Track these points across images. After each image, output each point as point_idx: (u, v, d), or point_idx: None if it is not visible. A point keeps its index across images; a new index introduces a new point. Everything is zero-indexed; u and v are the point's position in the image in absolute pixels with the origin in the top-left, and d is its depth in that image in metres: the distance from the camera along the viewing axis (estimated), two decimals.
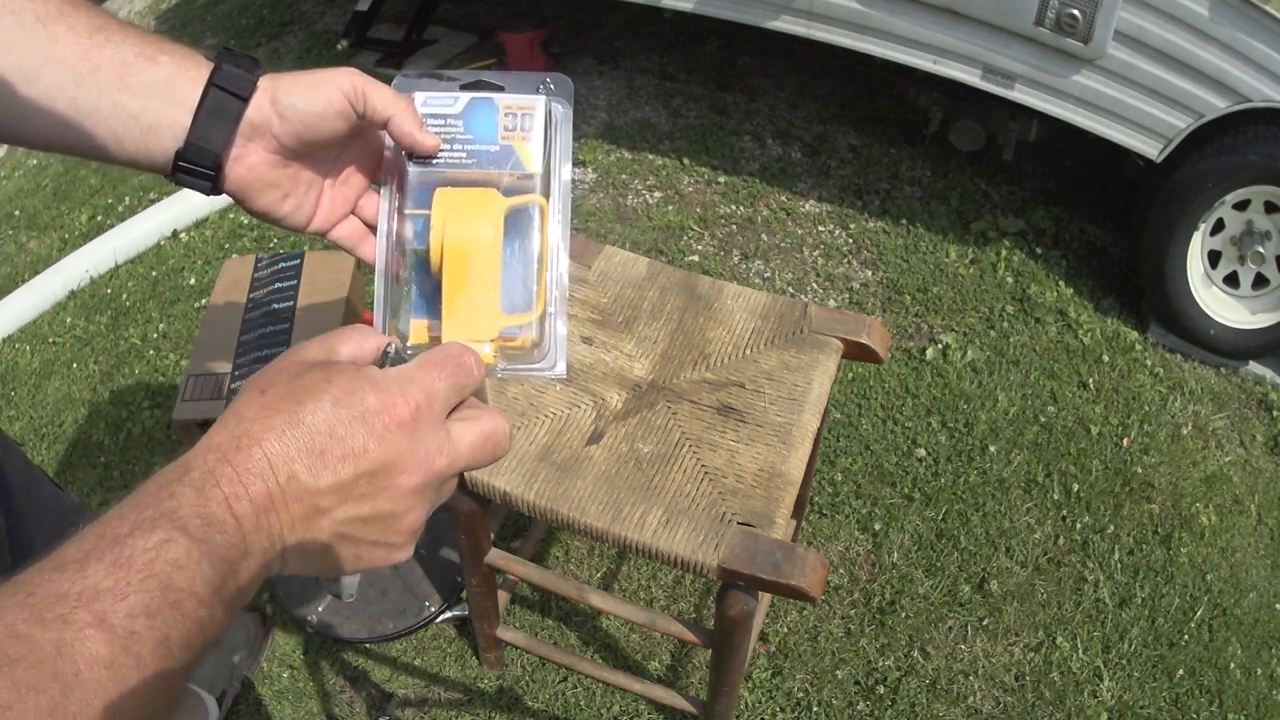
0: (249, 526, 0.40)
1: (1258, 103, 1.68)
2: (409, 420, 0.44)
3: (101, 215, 2.51)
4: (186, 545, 0.38)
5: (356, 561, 0.45)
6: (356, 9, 2.91)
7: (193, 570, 0.38)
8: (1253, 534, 1.71)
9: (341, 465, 0.42)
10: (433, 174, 0.64)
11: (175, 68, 0.58)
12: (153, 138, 0.58)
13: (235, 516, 0.40)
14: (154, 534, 0.37)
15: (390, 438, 0.43)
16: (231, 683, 1.47)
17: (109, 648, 0.35)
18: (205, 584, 0.38)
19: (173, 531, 0.38)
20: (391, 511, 0.44)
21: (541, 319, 0.64)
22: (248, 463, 0.41)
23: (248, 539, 0.40)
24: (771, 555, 0.94)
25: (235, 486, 0.40)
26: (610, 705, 1.46)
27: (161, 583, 0.36)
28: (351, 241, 0.68)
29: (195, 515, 0.39)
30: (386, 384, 0.44)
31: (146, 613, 0.36)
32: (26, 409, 2.00)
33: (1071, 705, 1.47)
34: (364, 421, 0.43)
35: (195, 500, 0.39)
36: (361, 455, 0.42)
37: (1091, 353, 1.99)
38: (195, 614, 0.38)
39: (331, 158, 0.65)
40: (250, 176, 0.61)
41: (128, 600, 0.36)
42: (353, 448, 0.42)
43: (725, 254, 2.23)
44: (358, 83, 0.59)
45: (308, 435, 0.42)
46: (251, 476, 0.41)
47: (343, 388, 0.43)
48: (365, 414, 0.43)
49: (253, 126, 0.59)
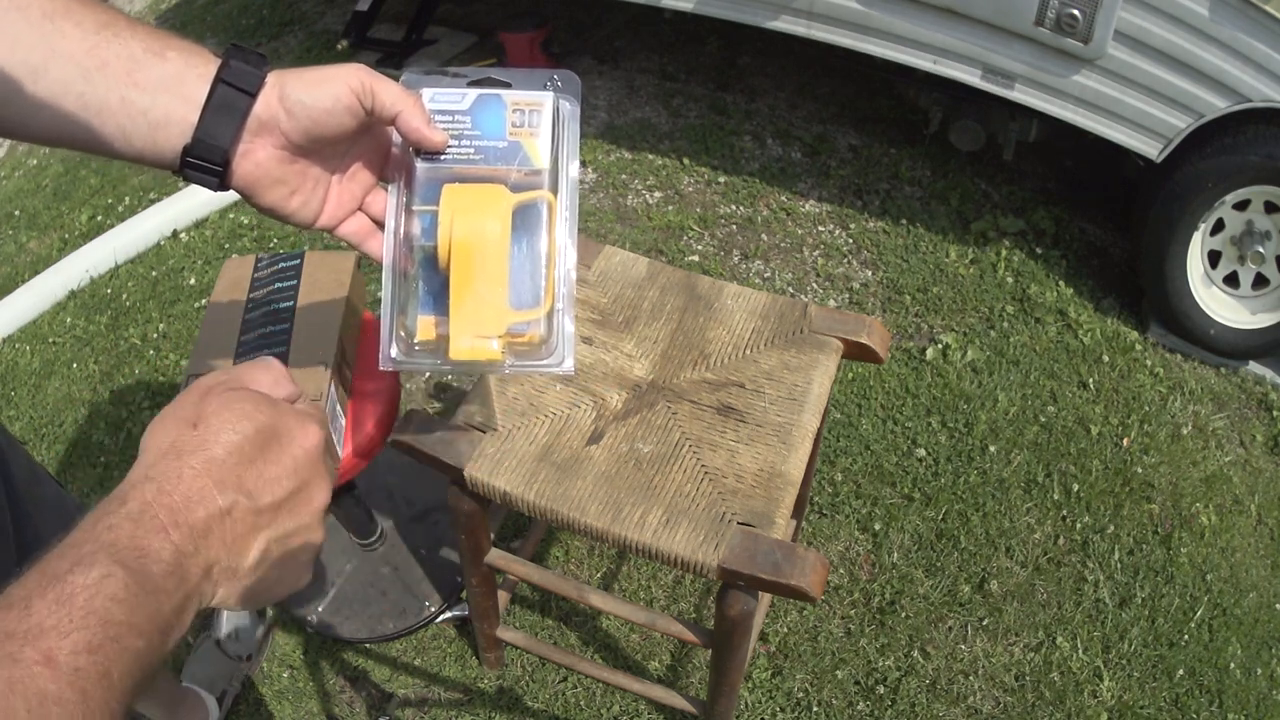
0: (186, 551, 0.42)
1: (1258, 103, 1.68)
2: (318, 449, 0.49)
3: (101, 215, 2.51)
4: (124, 579, 0.39)
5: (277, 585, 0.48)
6: (356, 9, 2.91)
7: (131, 604, 0.39)
8: (1253, 534, 1.71)
9: (275, 486, 0.46)
10: (440, 170, 0.64)
11: (183, 63, 0.58)
12: (160, 133, 0.58)
13: (173, 544, 0.41)
14: (93, 570, 0.38)
15: (308, 462, 0.48)
16: (231, 683, 1.47)
17: (56, 684, 0.36)
18: (144, 615, 0.39)
19: (111, 566, 0.39)
20: (307, 527, 0.48)
21: (550, 315, 0.63)
22: (189, 492, 0.43)
23: (184, 565, 0.42)
24: (771, 555, 0.94)
25: (175, 515, 0.42)
26: (610, 705, 1.46)
27: (101, 619, 0.38)
28: (358, 238, 0.68)
29: (132, 546, 0.40)
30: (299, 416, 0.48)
31: (89, 649, 0.37)
32: (26, 409, 2.00)
33: (1071, 705, 1.47)
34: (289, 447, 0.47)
35: (132, 530, 0.41)
36: (291, 476, 0.47)
37: (1091, 353, 1.99)
38: (134, 646, 0.39)
39: (339, 154, 0.65)
40: (258, 172, 0.61)
41: (71, 638, 0.37)
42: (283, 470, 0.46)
43: (725, 254, 2.23)
44: (366, 79, 0.59)
45: (245, 463, 0.45)
46: (192, 504, 0.43)
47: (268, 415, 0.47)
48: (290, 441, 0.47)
49: (260, 122, 0.59)
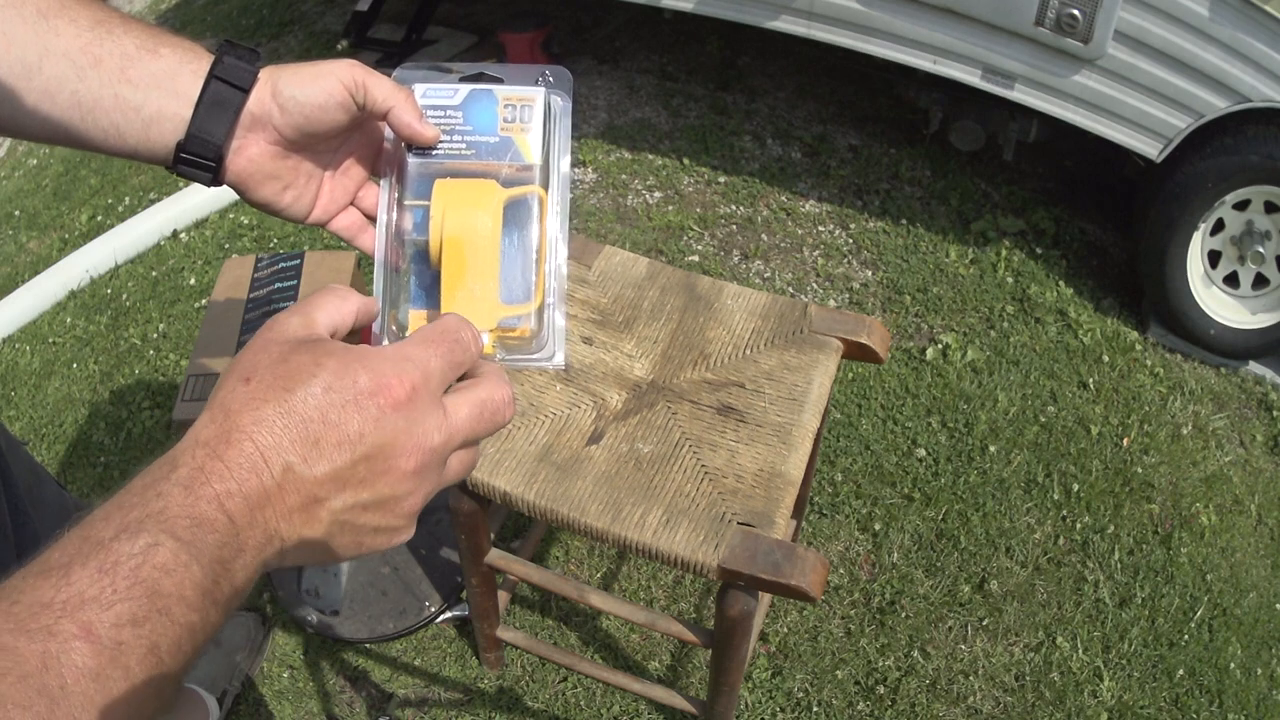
0: (242, 523, 0.39)
1: (1258, 103, 1.68)
2: (405, 401, 0.42)
3: (101, 215, 2.51)
4: (174, 549, 0.36)
5: (358, 549, 0.44)
6: (356, 9, 2.91)
7: (181, 574, 0.36)
8: (1253, 534, 1.71)
9: (337, 452, 0.40)
10: (432, 165, 0.64)
11: (177, 60, 0.58)
12: (154, 129, 0.58)
13: (227, 514, 0.38)
14: (140, 538, 0.36)
15: (386, 420, 0.41)
16: (232, 682, 1.47)
17: (96, 659, 0.34)
18: (194, 588, 0.37)
19: (159, 535, 0.36)
20: (392, 495, 0.43)
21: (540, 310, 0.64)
22: (239, 457, 0.39)
23: (241, 536, 0.39)
24: (771, 555, 0.94)
25: (227, 483, 0.39)
26: (610, 705, 1.46)
27: (148, 589, 0.35)
28: (351, 233, 0.68)
29: (184, 516, 0.37)
30: (380, 363, 0.42)
31: (133, 621, 0.35)
32: (26, 409, 2.00)
33: (1071, 705, 1.47)
34: (357, 405, 0.41)
35: (183, 499, 0.38)
36: (358, 440, 0.41)
37: (1091, 353, 1.99)
38: (185, 619, 0.36)
39: (332, 149, 0.65)
40: (251, 168, 0.61)
41: (114, 609, 0.34)
42: (348, 433, 0.40)
43: (725, 254, 2.23)
44: (358, 74, 0.59)
45: (300, 423, 0.40)
46: (244, 471, 0.39)
47: (333, 370, 0.41)
48: (359, 397, 0.41)
49: (253, 118, 0.59)
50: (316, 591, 0.49)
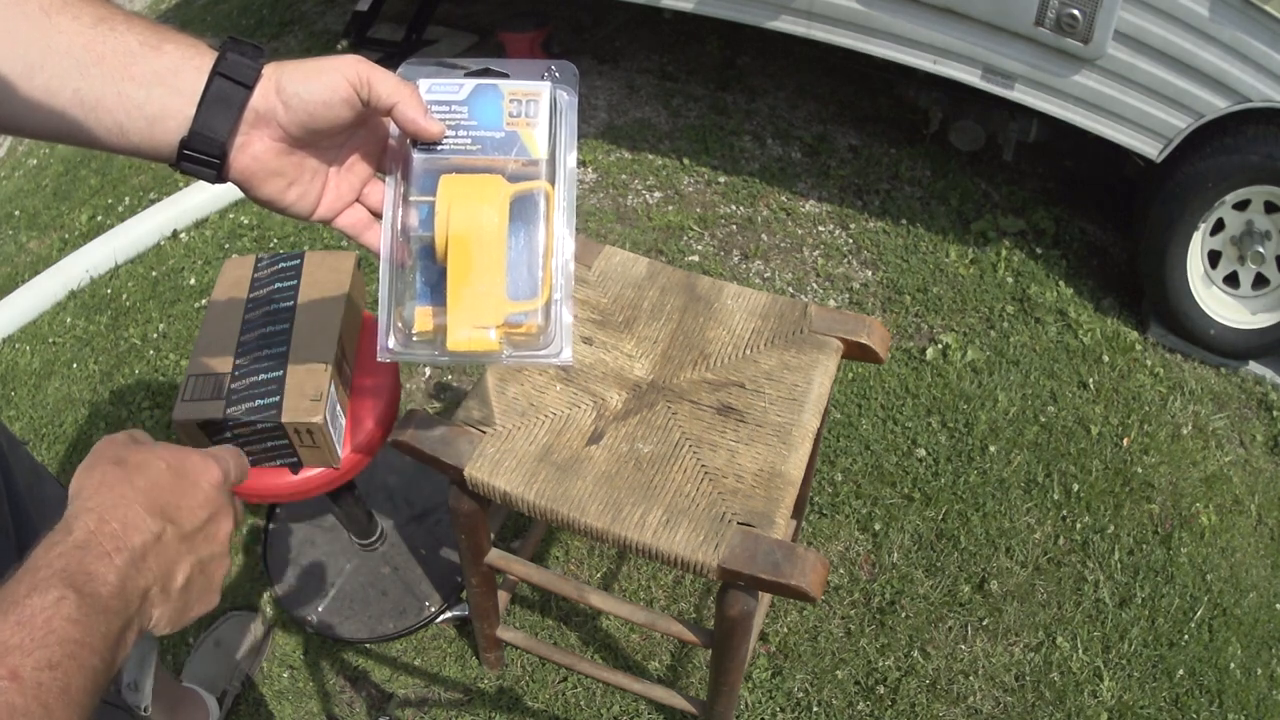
0: (128, 575, 0.46)
1: (1258, 103, 1.68)
2: (221, 483, 0.55)
3: (101, 215, 2.51)
4: (76, 601, 0.43)
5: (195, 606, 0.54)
6: (356, 9, 2.91)
7: (84, 624, 0.43)
8: (1253, 534, 1.71)
9: (193, 515, 0.52)
10: (438, 160, 0.64)
11: (180, 57, 0.58)
12: (158, 127, 0.58)
13: (117, 568, 0.46)
14: (49, 593, 0.42)
15: (215, 494, 0.54)
16: (232, 682, 1.47)
17: (22, 698, 0.39)
18: (97, 635, 0.43)
19: (65, 590, 0.43)
20: (218, 555, 0.54)
21: (547, 305, 0.63)
22: (124, 520, 0.48)
23: (128, 587, 0.46)
24: (771, 555, 0.94)
25: (116, 541, 0.47)
26: (610, 705, 1.46)
27: (59, 638, 0.41)
28: (356, 230, 0.67)
29: (81, 571, 0.44)
30: (199, 454, 0.55)
31: (49, 665, 0.40)
32: (26, 409, 2.00)
33: (1071, 705, 1.47)
34: (195, 482, 0.53)
35: (80, 558, 0.45)
36: (203, 506, 0.53)
37: (1091, 353, 1.99)
38: (89, 663, 0.42)
39: (336, 145, 0.64)
40: (255, 165, 0.61)
41: (34, 655, 0.40)
42: (196, 500, 0.52)
43: (725, 254, 2.23)
44: (362, 70, 0.59)
45: (166, 494, 0.51)
46: (129, 531, 0.48)
47: (173, 455, 0.54)
48: (197, 475, 0.54)
49: (257, 114, 0.59)
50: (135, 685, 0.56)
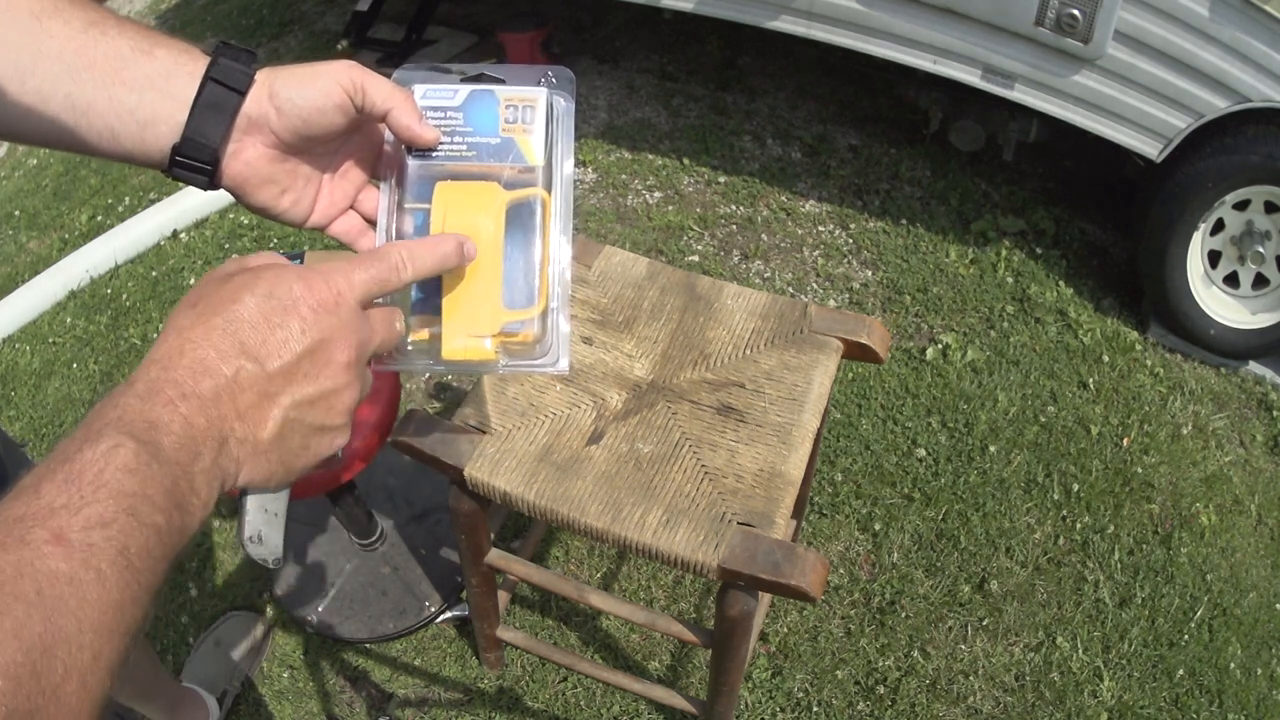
0: (197, 424, 0.42)
1: (1258, 103, 1.68)
2: (333, 304, 0.47)
3: (101, 215, 2.51)
4: (134, 449, 0.38)
5: (304, 452, 0.48)
6: (356, 9, 2.91)
7: (143, 474, 0.38)
8: (1253, 534, 1.71)
9: (283, 349, 0.45)
10: (432, 167, 0.63)
11: (172, 61, 0.57)
12: (149, 132, 0.58)
13: (183, 416, 0.41)
14: (101, 443, 0.38)
15: (320, 320, 0.46)
16: (232, 682, 1.47)
17: (68, 563, 0.35)
18: (157, 487, 0.39)
19: (120, 437, 0.38)
20: (332, 388, 0.47)
21: (544, 314, 0.63)
22: (191, 364, 0.43)
23: (196, 437, 0.41)
24: (771, 555, 0.94)
25: (181, 388, 0.42)
26: (610, 705, 1.46)
27: (113, 490, 0.37)
28: (350, 237, 0.67)
29: (141, 420, 0.40)
30: (310, 274, 0.47)
31: (101, 523, 0.36)
32: (26, 409, 2.00)
33: (1071, 705, 1.47)
34: (294, 308, 0.46)
35: (140, 406, 0.40)
36: (300, 337, 0.45)
37: (1091, 353, 1.99)
38: (150, 519, 0.38)
39: (330, 152, 0.64)
40: (247, 172, 0.60)
41: (82, 513, 0.36)
42: (290, 332, 0.45)
43: (725, 254, 2.23)
44: (356, 76, 0.59)
45: (247, 329, 0.44)
46: (196, 376, 0.42)
47: (269, 280, 0.46)
48: (295, 301, 0.46)
49: (250, 121, 0.59)
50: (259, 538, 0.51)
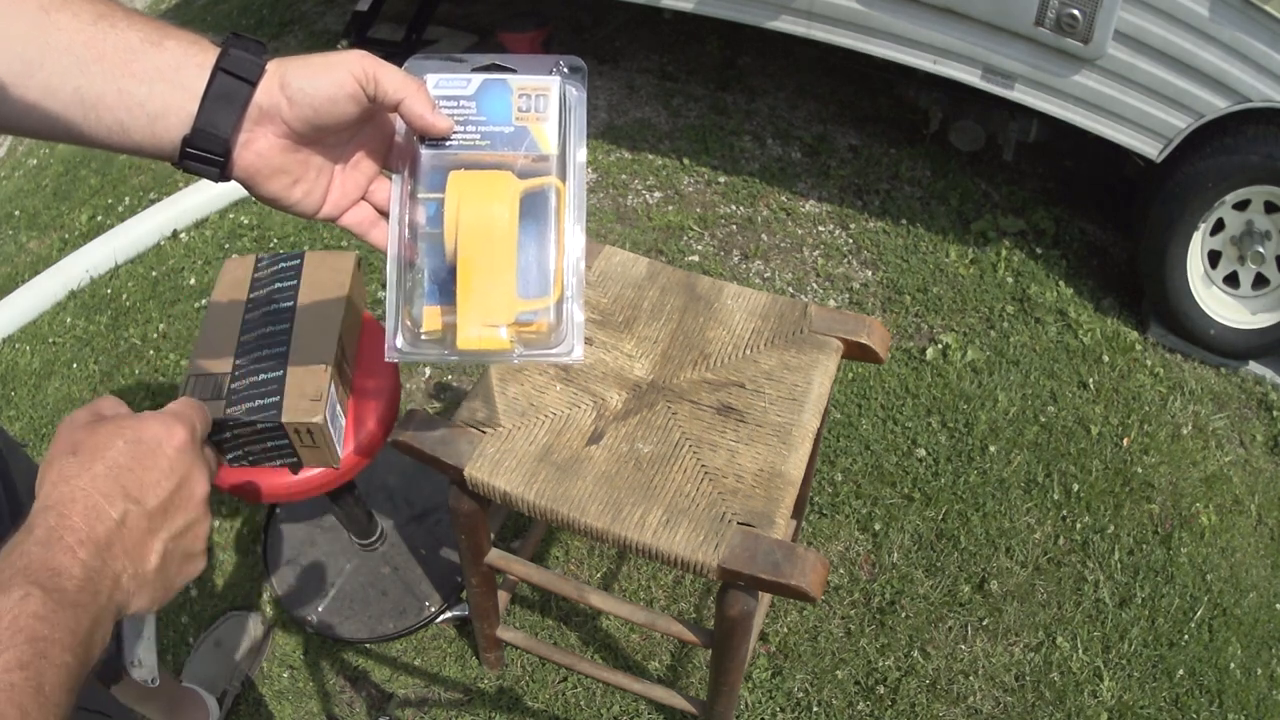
0: (94, 566, 0.45)
1: (1258, 103, 1.68)
2: (188, 444, 0.53)
3: (101, 215, 2.51)
4: (42, 598, 0.42)
5: (178, 577, 0.52)
6: (356, 9, 2.91)
7: (52, 619, 0.41)
8: (1253, 534, 1.71)
9: (157, 488, 0.50)
10: (446, 156, 0.63)
11: (182, 53, 0.57)
12: (159, 124, 0.57)
13: (81, 561, 0.45)
14: (12, 592, 0.41)
15: (181, 458, 0.52)
16: (232, 682, 1.47)
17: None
18: (66, 630, 0.42)
19: (29, 587, 0.42)
20: (196, 519, 0.52)
21: (559, 303, 0.62)
22: (85, 511, 0.46)
23: (94, 579, 0.45)
24: (771, 555, 0.94)
25: (78, 534, 0.45)
26: (610, 705, 1.46)
27: (27, 636, 0.40)
28: (362, 228, 0.67)
29: (44, 568, 0.43)
30: (160, 418, 0.53)
31: (20, 665, 0.39)
32: (26, 409, 2.00)
33: (1071, 705, 1.47)
34: (159, 450, 0.51)
35: (43, 555, 0.44)
36: (169, 474, 0.51)
37: (1091, 353, 1.99)
38: (61, 659, 0.41)
39: (342, 142, 0.64)
40: (259, 162, 0.60)
41: (3, 656, 0.39)
42: (161, 472, 0.50)
43: (725, 254, 2.23)
44: (368, 66, 0.59)
45: (124, 473, 0.49)
46: (92, 522, 0.46)
47: (133, 427, 0.51)
48: (159, 443, 0.51)
49: (261, 111, 0.58)
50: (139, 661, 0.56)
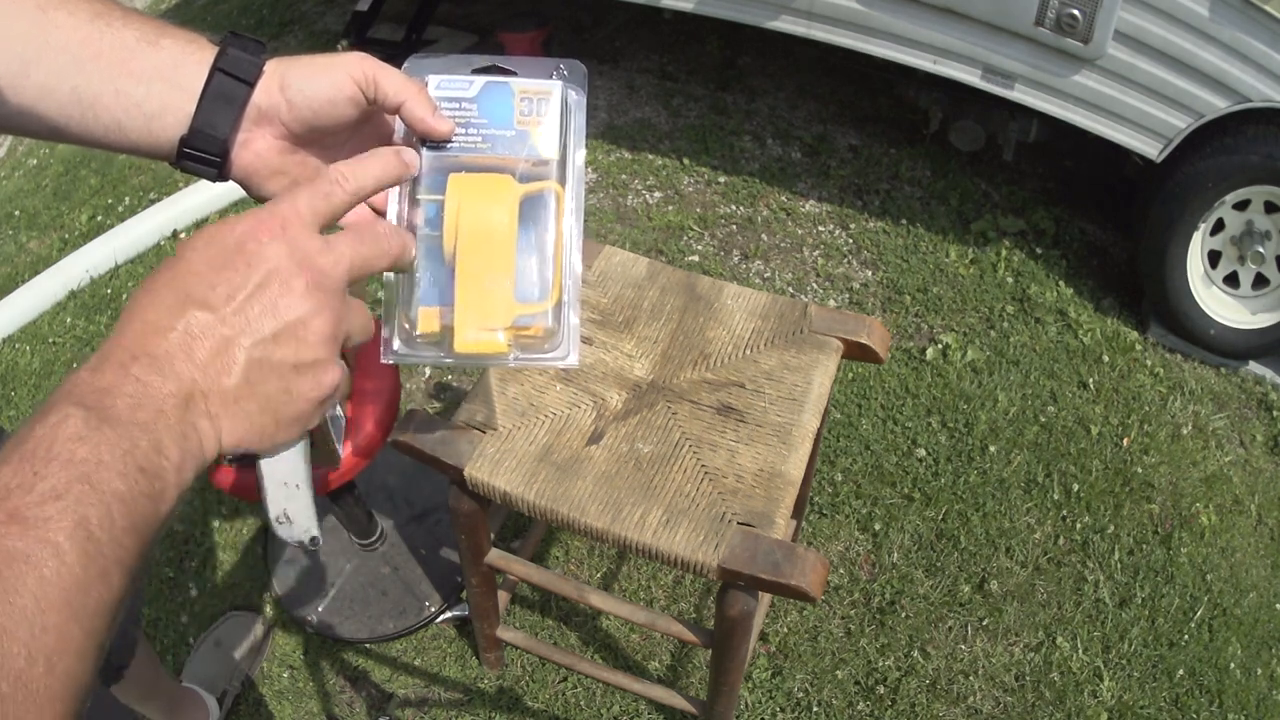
0: (152, 382, 0.40)
1: (1258, 103, 1.68)
2: (279, 232, 0.45)
3: (101, 215, 2.51)
4: (83, 417, 0.37)
5: (288, 397, 0.45)
6: (356, 9, 2.91)
7: (93, 439, 0.37)
8: (1253, 534, 1.71)
9: (233, 288, 0.43)
10: (446, 159, 0.63)
11: (179, 52, 0.57)
12: (156, 124, 0.57)
13: (134, 376, 0.40)
14: (49, 416, 0.37)
15: (267, 248, 0.44)
16: (232, 682, 1.47)
17: (23, 540, 0.34)
18: (115, 453, 0.37)
19: (68, 408, 0.37)
20: (296, 318, 0.44)
21: (557, 307, 0.63)
22: (140, 327, 0.41)
23: (153, 395, 0.40)
24: (771, 555, 0.94)
25: (129, 350, 0.40)
26: (610, 705, 1.46)
27: (63, 461, 0.36)
28: None
29: (90, 389, 0.39)
30: (251, 212, 0.45)
31: (54, 495, 0.35)
32: (26, 409, 2.00)
33: (1071, 705, 1.47)
34: (239, 245, 0.44)
35: (90, 378, 0.39)
36: (248, 272, 0.43)
37: (1091, 353, 1.99)
38: (109, 486, 0.36)
39: (340, 143, 0.64)
40: (257, 163, 0.60)
41: (36, 489, 0.35)
42: (237, 270, 0.43)
43: (725, 254, 2.23)
44: (368, 67, 0.58)
45: (192, 279, 0.43)
46: (146, 336, 0.41)
47: (212, 229, 0.45)
48: (239, 238, 0.44)
49: (260, 112, 0.58)
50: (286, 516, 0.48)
